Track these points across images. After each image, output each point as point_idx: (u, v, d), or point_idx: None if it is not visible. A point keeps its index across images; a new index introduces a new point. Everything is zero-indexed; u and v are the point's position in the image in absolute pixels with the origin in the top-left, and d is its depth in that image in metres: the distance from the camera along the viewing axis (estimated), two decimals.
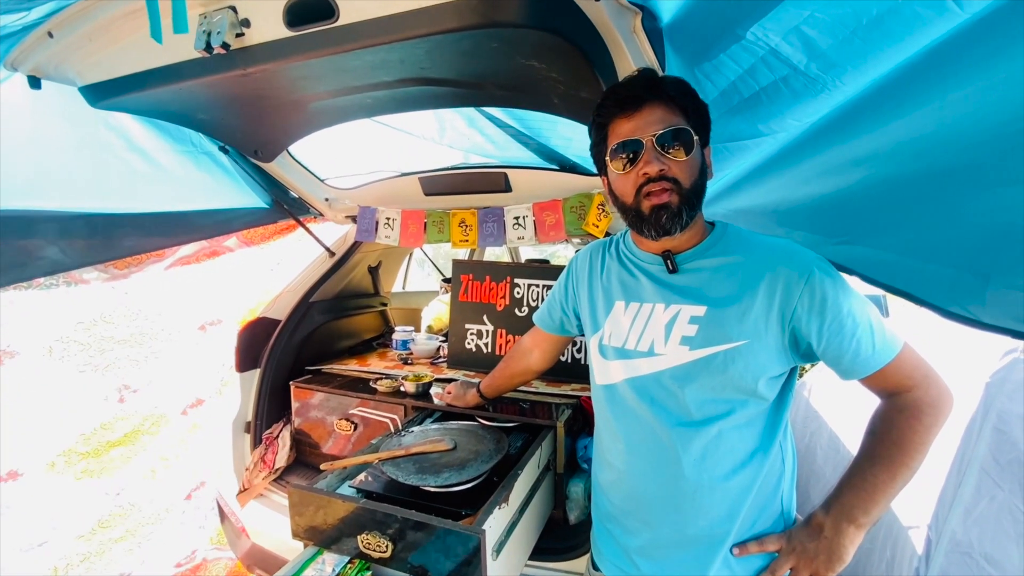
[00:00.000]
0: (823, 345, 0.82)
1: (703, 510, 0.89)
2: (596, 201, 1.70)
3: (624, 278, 1.00)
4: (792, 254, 0.84)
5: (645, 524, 0.95)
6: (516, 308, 2.00)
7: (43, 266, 1.48)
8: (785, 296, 0.82)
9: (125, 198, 1.61)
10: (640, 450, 0.95)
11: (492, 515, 1.05)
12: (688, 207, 0.84)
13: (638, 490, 0.96)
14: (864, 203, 0.81)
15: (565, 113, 1.37)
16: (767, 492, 0.90)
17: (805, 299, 0.81)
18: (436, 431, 1.47)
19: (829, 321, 0.80)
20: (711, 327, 0.86)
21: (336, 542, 1.11)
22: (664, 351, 0.90)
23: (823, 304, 0.80)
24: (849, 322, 0.80)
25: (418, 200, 2.03)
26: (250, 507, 1.84)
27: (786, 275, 0.82)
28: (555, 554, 1.41)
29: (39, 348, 1.61)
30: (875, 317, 0.82)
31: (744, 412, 0.87)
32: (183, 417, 2.19)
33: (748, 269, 0.86)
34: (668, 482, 0.91)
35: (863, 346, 0.81)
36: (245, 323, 2.05)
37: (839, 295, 0.81)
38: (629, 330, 0.95)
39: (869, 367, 0.82)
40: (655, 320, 0.92)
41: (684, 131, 0.83)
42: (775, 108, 0.96)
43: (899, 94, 0.77)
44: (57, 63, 1.24)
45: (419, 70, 1.19)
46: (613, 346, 0.98)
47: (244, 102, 1.41)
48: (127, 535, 2.00)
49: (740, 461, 0.88)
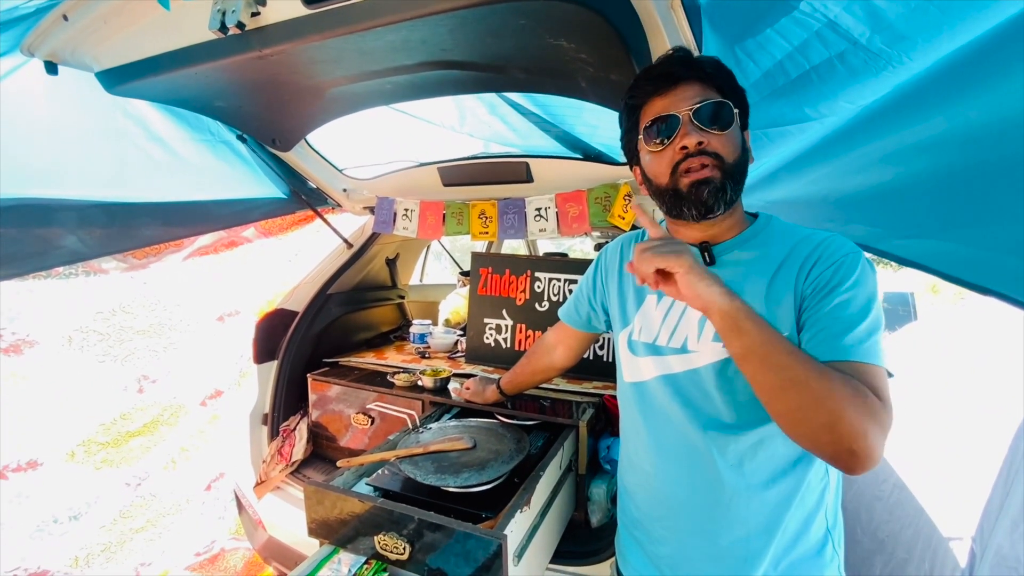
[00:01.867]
0: (801, 321, 0.76)
1: (739, 520, 0.82)
2: (622, 192, 1.63)
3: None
4: (831, 242, 0.78)
5: (674, 532, 0.90)
6: (536, 303, 1.95)
7: (62, 255, 1.47)
8: (811, 275, 0.77)
9: (143, 187, 1.59)
10: (670, 452, 0.89)
11: (514, 519, 1.01)
12: (733, 183, 0.78)
13: (667, 495, 0.90)
14: (936, 193, 0.73)
15: (593, 98, 1.30)
16: (809, 505, 0.83)
17: (820, 278, 0.76)
18: (455, 428, 1.43)
19: (821, 299, 0.74)
20: None
21: (352, 541, 1.08)
22: (698, 348, 0.84)
23: (830, 282, 0.75)
24: (841, 300, 0.73)
25: (437, 191, 1.99)
26: (267, 500, 1.83)
27: (817, 258, 0.77)
28: (577, 558, 1.36)
29: (59, 338, 1.61)
30: (874, 323, 0.73)
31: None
32: (202, 408, 2.20)
33: (787, 261, 0.80)
34: (701, 488, 0.85)
35: (839, 327, 0.72)
36: (263, 314, 2.03)
37: (855, 282, 0.74)
38: (661, 325, 0.90)
39: (835, 352, 0.71)
40: (689, 315, 0.87)
41: (724, 104, 0.78)
42: (827, 89, 0.89)
43: (977, 71, 0.69)
44: (73, 47, 1.21)
45: (441, 52, 1.14)
46: (643, 342, 0.93)
47: (261, 88, 1.38)
48: (148, 525, 2.01)
49: (781, 469, 0.81)
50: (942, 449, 1.77)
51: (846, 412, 0.63)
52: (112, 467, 1.82)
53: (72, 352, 1.64)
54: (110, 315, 1.73)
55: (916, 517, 1.72)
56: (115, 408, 1.79)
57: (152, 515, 2.01)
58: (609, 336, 1.82)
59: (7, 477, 1.54)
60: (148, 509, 2.00)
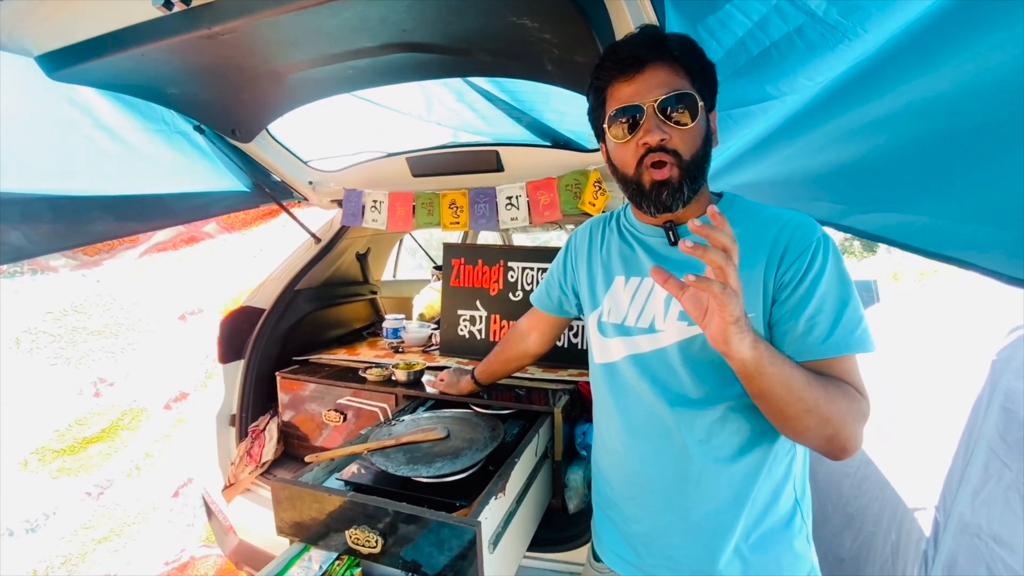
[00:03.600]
0: (776, 317, 0.78)
1: (708, 494, 0.83)
2: (592, 178, 1.63)
3: (624, 252, 0.95)
4: (798, 225, 0.79)
5: (647, 509, 0.90)
6: (510, 292, 1.94)
7: (5, 252, 1.38)
8: (782, 265, 0.77)
9: (93, 180, 1.51)
10: (640, 431, 0.89)
11: (488, 506, 0.99)
12: (690, 180, 0.79)
13: (639, 473, 0.91)
14: (896, 166, 0.75)
15: (559, 81, 1.29)
16: (777, 477, 0.84)
17: (793, 270, 0.76)
18: (428, 419, 1.41)
19: (797, 297, 0.76)
20: None
21: (323, 538, 1.05)
22: (664, 327, 0.85)
23: (804, 278, 0.75)
24: (814, 304, 0.75)
25: (406, 182, 1.95)
26: (236, 503, 1.77)
27: (787, 244, 0.78)
28: (554, 544, 1.36)
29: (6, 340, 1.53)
30: (850, 309, 0.75)
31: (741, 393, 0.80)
32: (166, 411, 2.11)
33: (751, 240, 0.80)
34: (670, 464, 0.86)
35: (815, 330, 0.74)
36: (228, 312, 1.96)
37: (824, 275, 0.75)
38: (629, 306, 0.90)
39: (813, 352, 0.75)
40: (655, 295, 0.87)
41: (688, 96, 0.76)
42: (787, 65, 0.89)
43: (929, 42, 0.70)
44: (10, 29, 1.14)
45: (402, 32, 1.11)
46: (612, 323, 0.93)
47: (217, 73, 1.32)
48: (111, 535, 1.93)
49: (746, 441, 0.82)
50: (905, 424, 1.83)
51: (847, 424, 0.71)
52: (70, 475, 1.74)
53: (21, 355, 1.55)
54: (61, 315, 1.64)
55: (882, 490, 1.77)
56: (70, 413, 1.71)
57: (116, 524, 1.92)
58: (581, 322, 1.82)
59: None
60: (111, 518, 1.91)
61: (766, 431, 0.81)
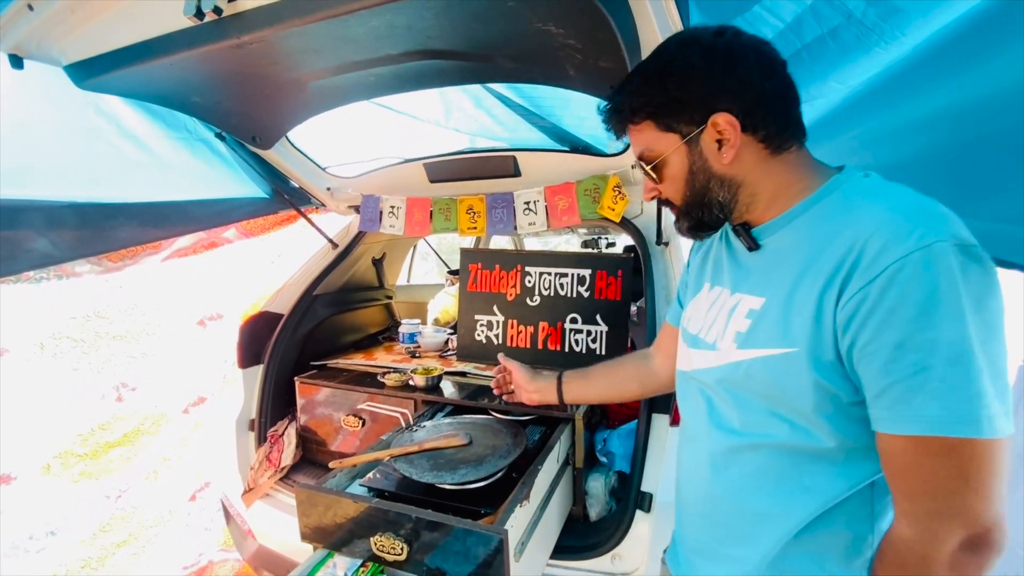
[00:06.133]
0: (853, 362, 0.60)
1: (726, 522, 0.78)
2: (611, 183, 1.63)
3: (719, 256, 0.86)
4: (887, 232, 0.57)
5: (685, 522, 0.89)
6: (527, 298, 1.93)
7: (32, 259, 1.41)
8: (843, 293, 0.59)
9: (117, 187, 1.53)
10: (688, 445, 0.87)
11: (514, 513, 0.99)
12: (693, 216, 0.77)
13: (681, 485, 0.89)
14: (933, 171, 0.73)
15: (581, 86, 1.29)
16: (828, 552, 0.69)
17: (856, 301, 0.58)
18: (449, 425, 1.40)
19: (866, 340, 0.57)
20: (762, 324, 0.70)
21: (347, 544, 1.05)
22: (721, 347, 0.76)
23: (871, 315, 0.56)
24: (884, 354, 0.56)
25: (423, 187, 1.96)
26: (256, 507, 1.78)
27: (855, 262, 0.58)
28: (577, 552, 1.35)
29: (30, 344, 1.55)
30: (944, 369, 0.53)
31: (805, 440, 0.66)
32: (185, 416, 2.13)
33: (831, 245, 0.63)
34: (701, 483, 0.82)
35: (886, 393, 0.57)
36: (247, 318, 1.97)
37: (900, 313, 0.54)
38: (704, 316, 0.83)
39: (898, 424, 0.57)
40: (723, 308, 0.78)
41: (650, 154, 0.76)
42: (818, 69, 0.88)
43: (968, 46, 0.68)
44: (39, 39, 1.15)
45: (426, 39, 1.11)
46: (690, 332, 0.87)
47: (240, 81, 1.33)
48: (130, 539, 1.93)
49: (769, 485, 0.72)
50: None
51: None
52: (91, 479, 1.75)
53: (45, 359, 1.57)
54: (84, 320, 1.66)
55: None
56: (92, 418, 1.72)
57: (134, 528, 1.93)
58: (602, 329, 1.80)
59: None
60: (130, 522, 1.92)
61: (831, 495, 0.67)
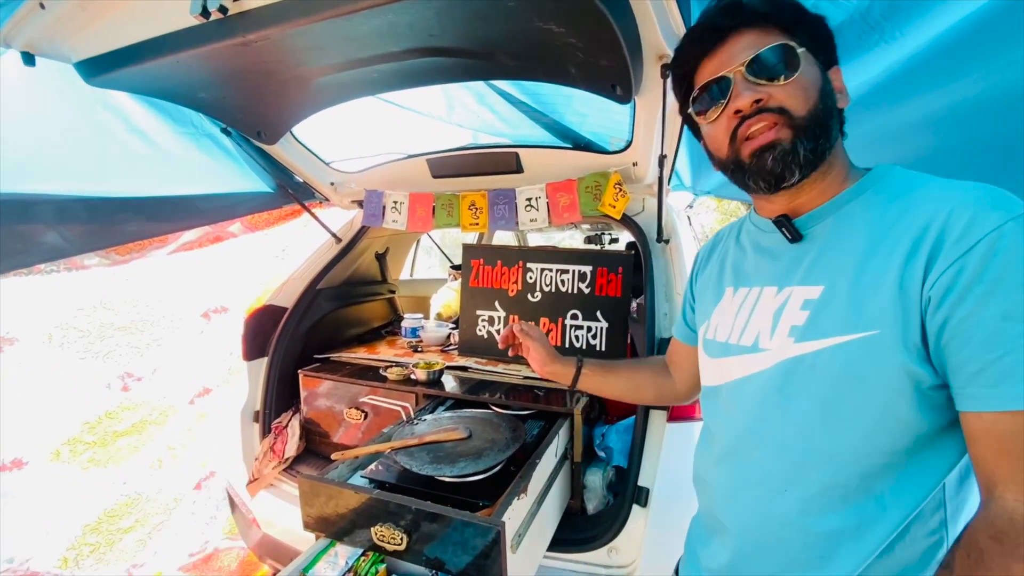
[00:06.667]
0: (944, 341, 0.54)
1: (784, 552, 0.68)
2: (612, 180, 1.63)
3: (737, 259, 0.80)
4: (971, 204, 0.53)
5: (724, 547, 0.76)
6: (529, 294, 1.94)
7: (43, 252, 1.44)
8: (931, 267, 0.54)
9: (125, 182, 1.55)
10: (727, 464, 0.75)
11: (511, 506, 1.01)
12: (808, 139, 0.62)
13: (720, 509, 0.76)
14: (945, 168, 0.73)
15: (582, 84, 1.29)
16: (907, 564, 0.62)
17: (949, 274, 0.53)
18: (450, 419, 1.43)
19: (962, 316, 0.52)
20: (825, 312, 0.62)
21: (349, 534, 1.07)
22: (770, 345, 0.68)
23: (971, 288, 0.52)
24: (988, 326, 0.51)
25: (426, 183, 1.97)
26: (260, 497, 1.81)
27: (940, 235, 0.54)
28: (573, 545, 1.37)
29: (39, 335, 1.58)
30: None
31: (877, 439, 0.60)
32: (190, 406, 2.16)
33: (900, 222, 0.58)
34: (748, 506, 0.71)
35: (988, 370, 0.51)
36: (251, 311, 2.00)
37: (1007, 281, 0.50)
38: (734, 321, 0.75)
39: (988, 400, 0.52)
40: (763, 307, 0.70)
41: (784, 48, 0.62)
42: None
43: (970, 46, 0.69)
44: (51, 37, 1.17)
45: (428, 37, 1.12)
46: (718, 341, 0.78)
47: (245, 78, 1.35)
48: (136, 525, 1.98)
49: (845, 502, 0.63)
50: None
51: None
52: (99, 467, 1.79)
53: (53, 349, 1.60)
54: (91, 311, 1.69)
55: None
56: (99, 406, 1.76)
57: (140, 515, 1.97)
58: (602, 325, 1.82)
59: None
60: (136, 509, 1.96)
61: (899, 503, 0.61)
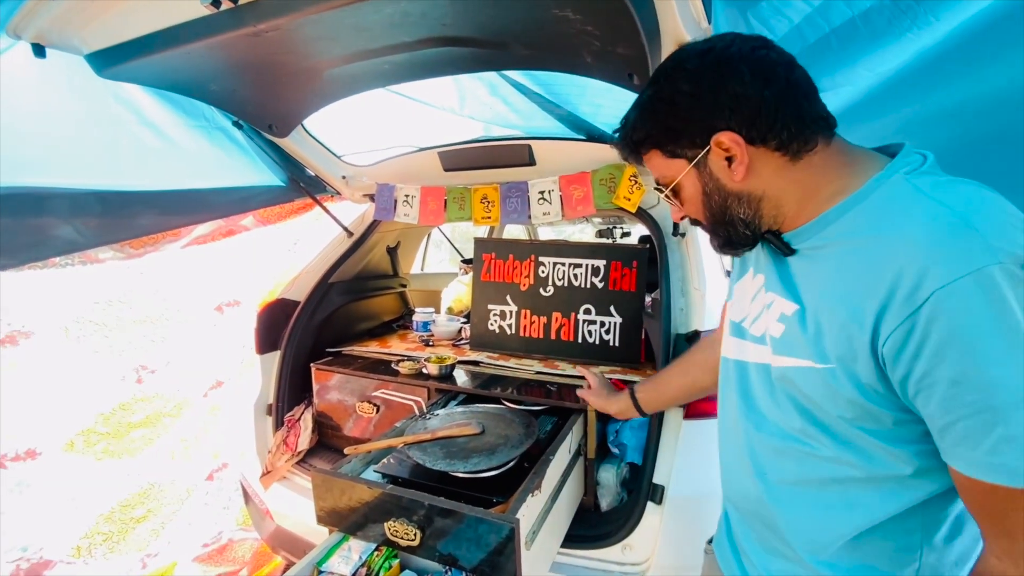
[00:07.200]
0: (909, 393, 0.56)
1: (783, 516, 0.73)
2: (627, 173, 1.60)
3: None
4: (940, 247, 0.51)
5: (733, 514, 0.86)
6: (541, 288, 1.92)
7: (58, 245, 1.44)
8: (882, 325, 0.55)
9: (138, 175, 1.55)
10: (727, 436, 0.84)
11: (525, 503, 1.00)
12: (718, 236, 0.75)
13: (724, 476, 0.86)
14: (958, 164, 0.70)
15: (598, 74, 1.26)
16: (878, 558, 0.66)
17: (907, 328, 0.52)
18: (462, 414, 1.42)
19: (924, 371, 0.53)
20: (793, 333, 0.66)
21: (362, 528, 1.07)
22: (768, 342, 0.71)
23: (919, 353, 0.52)
24: (962, 393, 0.51)
25: (437, 176, 1.95)
26: (274, 490, 1.82)
27: (889, 297, 0.54)
28: (587, 542, 1.35)
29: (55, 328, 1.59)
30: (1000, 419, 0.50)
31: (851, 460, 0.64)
32: (204, 399, 2.18)
33: (866, 261, 0.58)
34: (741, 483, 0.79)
35: (950, 430, 0.53)
36: (264, 305, 2.00)
37: (949, 351, 0.50)
38: (749, 305, 0.79)
39: (961, 463, 0.54)
40: (761, 301, 0.75)
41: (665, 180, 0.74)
42: (846, 55, 0.85)
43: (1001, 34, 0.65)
44: (61, 28, 1.17)
45: (441, 27, 1.10)
46: (735, 320, 0.82)
47: (256, 70, 1.34)
48: (149, 515, 2.00)
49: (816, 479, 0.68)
50: None
51: None
52: (114, 458, 1.81)
53: (69, 343, 1.62)
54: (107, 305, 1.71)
55: None
56: (114, 398, 1.78)
57: (153, 505, 2.00)
58: (616, 321, 1.79)
59: (6, 466, 1.52)
60: (149, 499, 1.99)
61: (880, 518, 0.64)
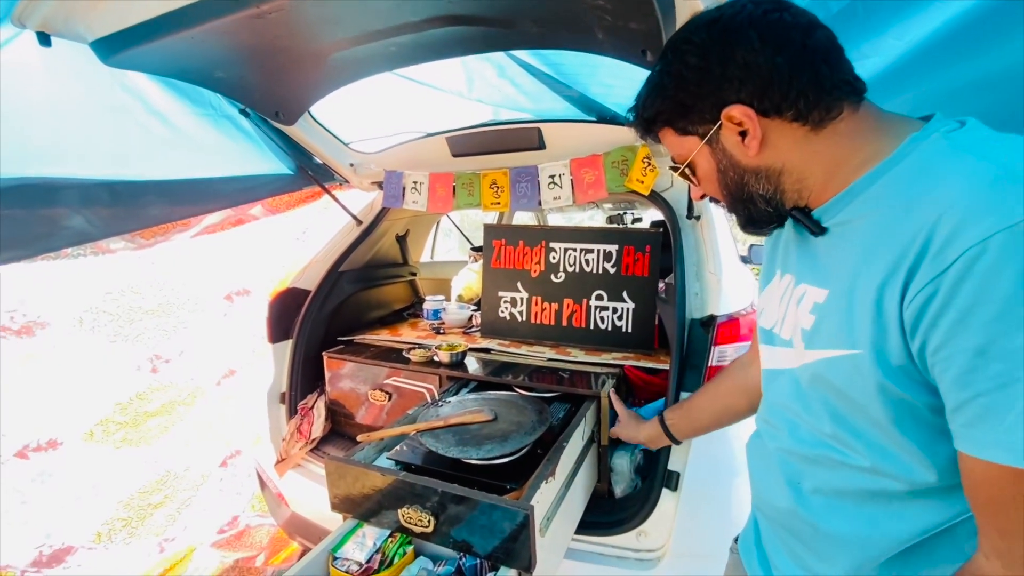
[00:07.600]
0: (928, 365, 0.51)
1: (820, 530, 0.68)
2: (640, 154, 1.56)
3: (788, 237, 0.75)
4: (976, 201, 0.45)
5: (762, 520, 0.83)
6: (552, 274, 1.90)
7: (70, 236, 1.45)
8: (910, 285, 0.49)
9: (146, 164, 1.55)
10: (757, 441, 0.81)
11: (539, 489, 0.99)
12: (738, 215, 0.72)
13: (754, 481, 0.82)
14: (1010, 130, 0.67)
15: (610, 50, 1.22)
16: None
17: (923, 295, 0.48)
18: (474, 401, 1.41)
19: (938, 344, 0.48)
20: (825, 321, 0.60)
21: (376, 515, 1.07)
22: (796, 344, 0.66)
23: (942, 313, 0.47)
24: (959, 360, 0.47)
25: (446, 162, 1.93)
26: (288, 477, 1.84)
27: (923, 249, 0.48)
28: (602, 528, 1.35)
29: (69, 319, 1.61)
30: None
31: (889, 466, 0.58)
32: (217, 388, 2.20)
33: (899, 226, 0.51)
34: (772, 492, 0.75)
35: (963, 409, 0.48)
36: (275, 294, 2.01)
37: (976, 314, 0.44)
38: (776, 308, 0.74)
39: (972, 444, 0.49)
40: (790, 299, 0.69)
41: (680, 158, 0.72)
42: (873, 23, 0.81)
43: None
44: (66, 16, 1.15)
45: (447, 5, 1.07)
46: (765, 327, 0.77)
47: (262, 55, 1.32)
48: (166, 500, 2.04)
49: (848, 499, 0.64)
50: None
51: None
52: (132, 446, 1.84)
53: (83, 333, 1.63)
54: (119, 295, 1.72)
55: None
56: (130, 388, 1.80)
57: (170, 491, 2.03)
58: (628, 306, 1.77)
59: (28, 457, 1.55)
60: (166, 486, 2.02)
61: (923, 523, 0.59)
